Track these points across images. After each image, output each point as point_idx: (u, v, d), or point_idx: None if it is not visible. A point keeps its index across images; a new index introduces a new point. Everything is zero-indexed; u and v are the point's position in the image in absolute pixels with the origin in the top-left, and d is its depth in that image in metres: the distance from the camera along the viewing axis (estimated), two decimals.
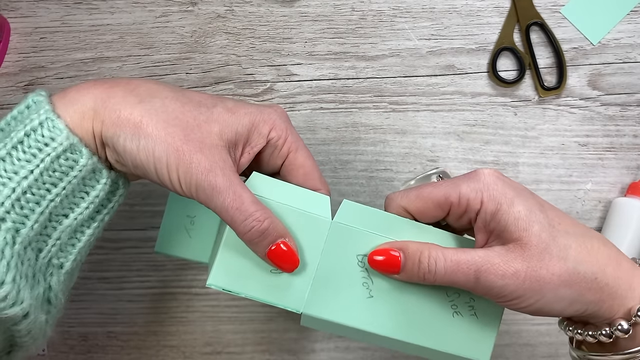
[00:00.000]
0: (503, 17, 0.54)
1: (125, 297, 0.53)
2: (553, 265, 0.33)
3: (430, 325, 0.36)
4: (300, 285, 0.35)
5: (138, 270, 0.53)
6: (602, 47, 0.54)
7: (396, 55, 0.54)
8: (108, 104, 0.33)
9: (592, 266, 0.34)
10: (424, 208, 0.36)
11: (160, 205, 0.53)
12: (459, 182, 0.35)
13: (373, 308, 0.36)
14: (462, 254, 0.34)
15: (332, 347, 0.52)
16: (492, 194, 0.34)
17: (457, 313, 0.36)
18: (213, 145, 0.34)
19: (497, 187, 0.34)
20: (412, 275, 0.35)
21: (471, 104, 0.54)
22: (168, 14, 0.54)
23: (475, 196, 0.34)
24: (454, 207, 0.35)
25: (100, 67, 0.54)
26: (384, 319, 0.36)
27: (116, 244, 0.53)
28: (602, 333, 0.34)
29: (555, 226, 0.34)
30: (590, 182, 0.53)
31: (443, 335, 0.36)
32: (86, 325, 0.53)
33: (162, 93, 0.34)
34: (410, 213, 0.37)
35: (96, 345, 0.53)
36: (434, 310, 0.36)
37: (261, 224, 0.33)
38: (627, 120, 0.54)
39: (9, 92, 0.54)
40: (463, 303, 0.36)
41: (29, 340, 0.33)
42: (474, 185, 0.35)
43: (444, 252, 0.34)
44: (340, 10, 0.55)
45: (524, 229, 0.33)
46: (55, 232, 0.34)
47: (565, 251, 0.33)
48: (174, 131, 0.33)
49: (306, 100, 0.54)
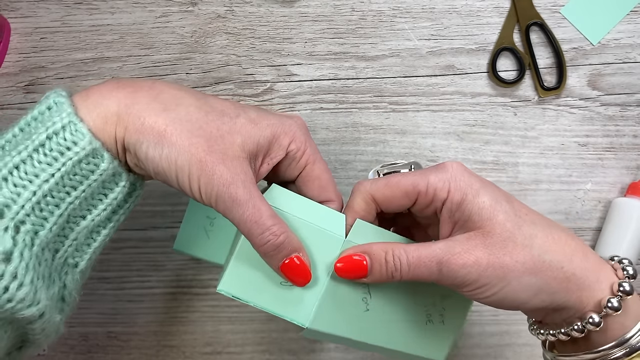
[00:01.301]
0: (503, 17, 0.54)
1: (125, 297, 0.53)
2: (517, 252, 0.33)
3: (405, 332, 0.38)
4: (308, 300, 0.36)
5: (138, 270, 0.53)
6: (602, 47, 0.54)
7: (396, 56, 0.54)
8: (132, 110, 0.33)
9: (558, 255, 0.34)
10: (391, 196, 0.36)
11: (160, 205, 0.53)
12: (427, 173, 0.36)
13: (367, 320, 0.37)
14: (423, 248, 0.34)
15: (332, 347, 0.52)
16: (459, 184, 0.35)
17: (429, 321, 0.39)
18: (235, 157, 0.34)
19: (464, 178, 0.35)
20: (380, 275, 0.35)
21: (471, 104, 0.54)
22: (168, 14, 0.55)
23: (442, 186, 0.35)
24: (421, 196, 0.36)
25: (101, 67, 0.54)
26: (375, 330, 0.38)
27: (116, 244, 0.53)
28: (574, 328, 0.34)
29: (521, 216, 0.34)
30: (590, 182, 0.53)
31: (415, 341, 0.38)
32: (86, 325, 0.53)
33: (186, 100, 0.34)
34: (377, 201, 0.37)
35: (96, 345, 0.53)
36: (411, 320, 0.38)
37: (277, 238, 0.33)
38: (626, 121, 0.54)
39: (9, 92, 0.54)
40: (436, 312, 0.39)
41: (42, 337, 0.34)
42: (442, 175, 0.35)
43: (406, 248, 0.35)
44: (340, 10, 0.55)
45: (488, 218, 0.34)
46: (73, 233, 0.34)
47: (531, 240, 0.34)
48: (197, 142, 0.33)
49: (306, 100, 0.54)
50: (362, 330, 0.37)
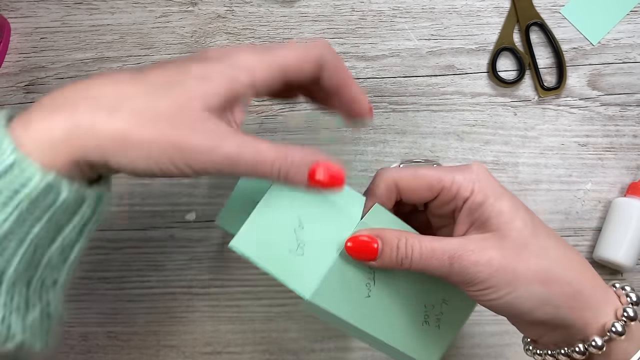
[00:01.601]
0: (503, 17, 0.54)
1: (125, 297, 0.53)
2: (530, 260, 0.33)
3: (400, 328, 0.38)
4: (314, 274, 0.36)
5: (138, 270, 0.53)
6: (601, 47, 0.54)
7: (396, 56, 0.54)
8: (81, 129, 0.30)
9: (568, 271, 0.34)
10: (415, 186, 0.37)
11: (160, 205, 0.53)
12: (453, 170, 0.36)
13: (366, 307, 0.37)
14: (438, 241, 0.34)
15: (332, 347, 0.52)
16: (483, 185, 0.35)
17: (426, 322, 0.39)
18: (204, 121, 0.31)
19: (488, 181, 0.35)
20: (390, 261, 0.35)
21: (471, 104, 0.54)
22: (168, 14, 0.55)
23: (466, 185, 0.35)
24: (445, 191, 0.36)
25: (101, 67, 0.54)
26: (371, 318, 0.37)
27: (116, 244, 0.53)
28: (576, 350, 0.34)
29: (537, 227, 0.35)
30: (590, 182, 0.53)
31: (408, 339, 0.38)
32: (86, 325, 0.53)
33: (127, 90, 0.32)
34: (400, 189, 0.37)
35: (96, 345, 0.53)
36: (409, 316, 0.38)
37: (285, 160, 0.32)
38: (626, 121, 0.54)
39: (9, 92, 0.54)
40: (434, 315, 0.39)
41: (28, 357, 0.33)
42: (467, 175, 0.36)
43: (420, 238, 0.35)
44: (340, 10, 0.55)
45: (506, 222, 0.34)
46: (44, 259, 0.32)
47: (545, 251, 0.34)
48: (160, 127, 0.31)
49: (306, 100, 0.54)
50: (359, 315, 0.37)
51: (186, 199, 0.53)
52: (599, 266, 0.52)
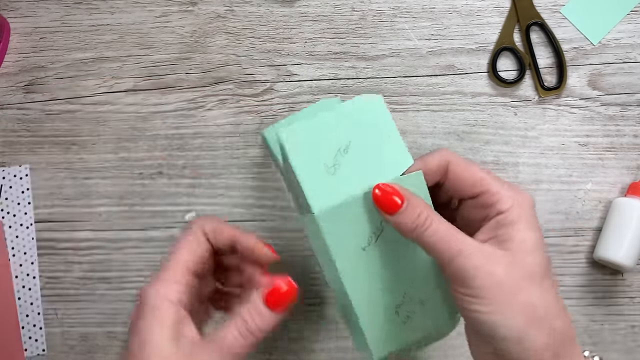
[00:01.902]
0: (503, 17, 0.54)
1: (125, 297, 0.53)
2: (530, 294, 0.33)
3: (373, 302, 0.38)
4: (333, 196, 0.36)
5: (138, 270, 0.53)
6: (602, 47, 0.54)
7: (396, 55, 0.54)
8: None
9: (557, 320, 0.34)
10: (463, 176, 0.37)
11: (160, 205, 0.53)
12: (504, 182, 0.37)
13: (356, 258, 0.37)
14: (457, 231, 0.35)
15: (332, 347, 0.52)
16: (522, 210, 0.35)
17: (397, 312, 0.38)
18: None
19: (529, 210, 0.36)
20: (405, 222, 0.35)
21: (471, 104, 0.54)
22: (168, 14, 0.54)
23: (508, 200, 0.36)
24: (486, 195, 0.36)
25: (101, 67, 0.54)
26: (354, 273, 0.37)
27: (116, 244, 0.53)
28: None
29: (548, 271, 0.35)
30: (590, 182, 0.53)
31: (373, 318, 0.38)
32: (86, 325, 0.53)
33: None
34: (449, 170, 0.38)
35: (96, 345, 0.53)
36: (385, 295, 0.38)
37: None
38: (627, 120, 0.54)
39: (9, 92, 0.54)
40: (406, 309, 0.39)
41: None
42: (514, 194, 0.36)
43: (442, 220, 0.35)
44: (340, 10, 0.55)
45: (525, 251, 0.34)
46: None
47: (547, 293, 0.34)
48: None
49: (306, 100, 0.54)
50: (346, 259, 0.37)
51: (186, 199, 0.53)
52: (599, 266, 0.52)
